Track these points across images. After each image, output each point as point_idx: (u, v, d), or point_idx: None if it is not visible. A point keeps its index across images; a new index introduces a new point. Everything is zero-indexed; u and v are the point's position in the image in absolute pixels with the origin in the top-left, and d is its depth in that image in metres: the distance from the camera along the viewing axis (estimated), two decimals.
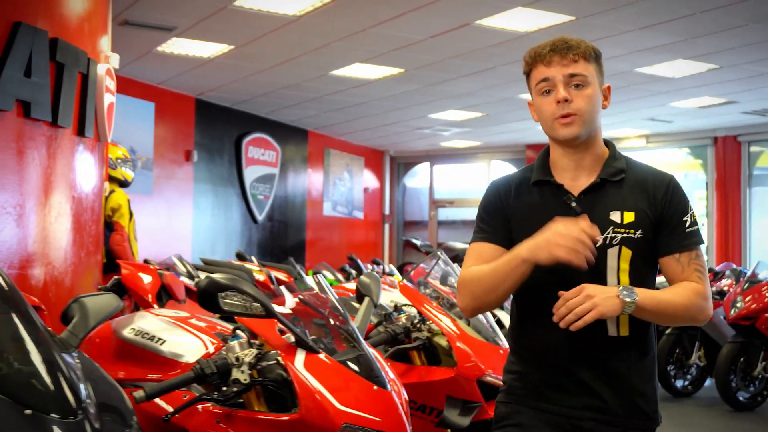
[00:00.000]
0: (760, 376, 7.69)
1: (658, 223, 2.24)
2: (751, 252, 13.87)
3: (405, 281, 4.05)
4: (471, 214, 17.36)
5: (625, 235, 2.21)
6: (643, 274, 2.24)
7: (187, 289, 4.88)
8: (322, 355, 2.46)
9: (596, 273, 2.17)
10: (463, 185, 17.81)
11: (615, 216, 2.23)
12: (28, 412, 1.72)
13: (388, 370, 2.57)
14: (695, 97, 11.36)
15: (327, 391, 2.33)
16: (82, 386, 1.86)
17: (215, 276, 2.36)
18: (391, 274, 11.66)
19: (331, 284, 10.15)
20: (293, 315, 2.53)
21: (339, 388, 2.37)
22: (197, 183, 12.09)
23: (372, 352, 2.55)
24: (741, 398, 7.70)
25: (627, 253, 2.21)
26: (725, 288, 8.66)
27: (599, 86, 2.27)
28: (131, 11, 7.76)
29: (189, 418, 2.41)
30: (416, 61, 9.54)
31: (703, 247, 2.28)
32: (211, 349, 2.55)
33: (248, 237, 13.19)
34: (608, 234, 2.21)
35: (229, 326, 2.83)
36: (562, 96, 2.20)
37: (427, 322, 3.53)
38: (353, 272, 10.86)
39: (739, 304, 7.69)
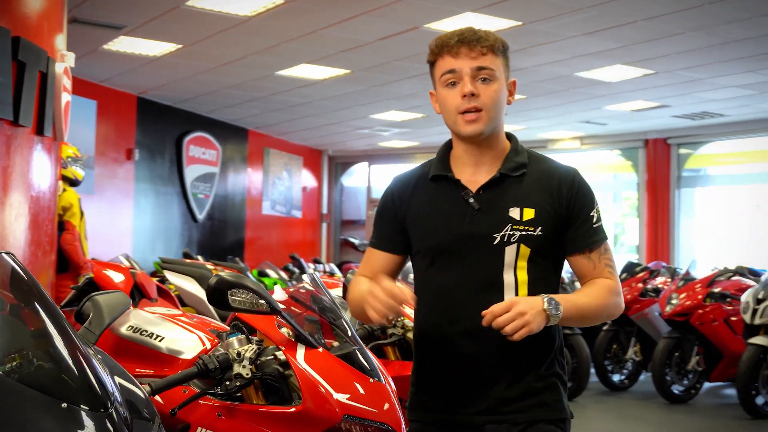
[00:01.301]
0: (693, 370, 8.02)
1: (563, 220, 2.18)
2: (679, 251, 14.36)
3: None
4: None
5: (523, 233, 2.15)
6: (542, 271, 2.18)
7: (158, 288, 4.92)
8: (320, 350, 2.57)
9: (494, 270, 2.15)
10: None
11: (514, 212, 2.16)
12: (64, 405, 1.79)
13: (378, 364, 2.69)
14: (630, 101, 11.73)
15: (327, 384, 2.45)
16: (109, 380, 1.93)
17: (224, 274, 2.46)
18: (332, 273, 11.79)
19: (275, 283, 10.21)
20: (286, 311, 2.63)
21: (338, 381, 2.48)
22: (138, 182, 12.01)
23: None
24: (676, 391, 8.02)
25: (525, 250, 2.15)
26: (660, 285, 9.01)
27: (505, 81, 2.20)
28: (81, 9, 7.71)
29: (191, 413, 2.48)
30: (363, 62, 9.67)
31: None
32: (208, 345, 2.64)
33: (188, 236, 13.14)
34: (506, 231, 2.15)
35: (215, 322, 2.93)
36: (469, 90, 2.13)
37: (401, 318, 3.66)
38: (297, 271, 10.93)
39: (674, 301, 8.02)
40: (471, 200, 2.18)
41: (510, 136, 2.28)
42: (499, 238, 2.14)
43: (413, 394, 2.27)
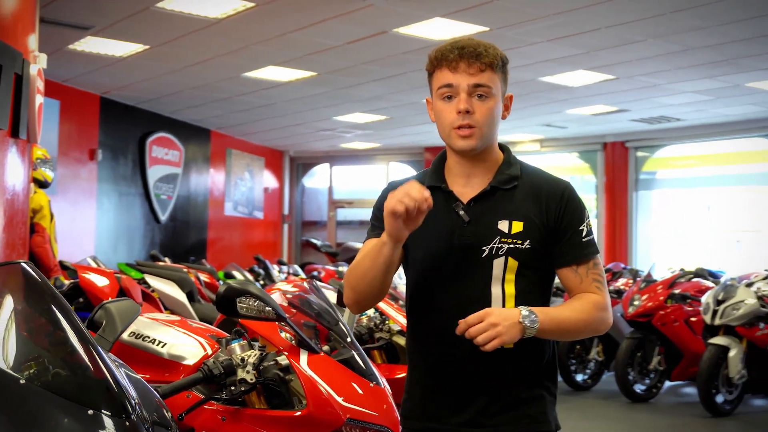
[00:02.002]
0: (655, 369, 8.21)
1: (552, 233, 2.19)
2: (636, 252, 14.65)
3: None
4: (369, 214, 17.71)
5: (511, 246, 2.16)
6: (530, 284, 2.19)
7: (143, 292, 4.92)
8: (322, 355, 2.63)
9: (482, 283, 2.16)
10: (361, 186, 18.07)
11: (503, 225, 2.18)
12: (90, 412, 1.83)
13: (374, 368, 2.77)
14: (590, 105, 11.95)
15: (330, 388, 2.51)
16: (130, 387, 1.98)
17: (232, 283, 2.51)
18: (296, 275, 11.81)
19: None
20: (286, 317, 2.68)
21: (340, 385, 2.55)
22: (101, 182, 11.92)
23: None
24: (638, 390, 8.20)
25: (513, 263, 2.16)
26: (622, 287, 9.19)
27: (502, 96, 2.22)
28: (48, 9, 7.65)
29: (194, 417, 2.53)
30: (330, 65, 9.72)
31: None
32: (209, 351, 2.68)
33: (151, 237, 13.06)
34: (495, 244, 2.16)
35: (212, 328, 2.97)
36: (464, 107, 2.14)
37: (387, 322, 3.74)
38: (262, 272, 10.94)
39: (636, 302, 8.21)
40: (461, 212, 2.20)
41: (503, 148, 2.30)
42: (487, 251, 2.16)
43: (405, 401, 2.29)
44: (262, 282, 10.56)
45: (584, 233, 2.22)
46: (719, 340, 7.42)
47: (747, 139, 13.84)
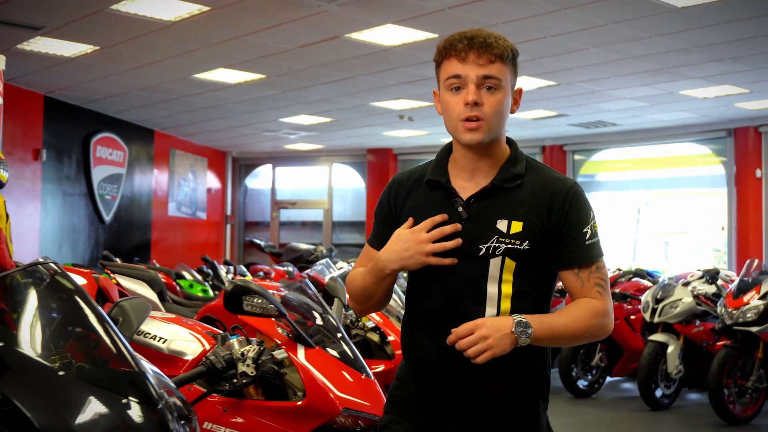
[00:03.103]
0: (597, 366, 8.53)
1: (554, 234, 2.13)
2: None
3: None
4: (313, 215, 17.90)
5: (509, 246, 2.11)
6: (528, 285, 2.15)
7: (120, 292, 4.99)
8: (317, 349, 2.80)
9: (478, 281, 2.12)
10: (305, 187, 18.20)
11: (502, 225, 2.12)
12: (124, 400, 1.98)
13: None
14: (531, 110, 12.29)
15: (327, 380, 2.68)
16: (155, 379, 2.13)
17: (239, 282, 2.66)
18: (242, 275, 11.88)
19: (192, 285, 10.18)
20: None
21: (335, 377, 2.72)
22: (45, 183, 11.82)
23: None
24: (581, 386, 8.50)
25: (510, 264, 2.11)
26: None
27: (511, 89, 2.17)
28: (0, 9, 7.63)
29: (197, 410, 2.65)
30: (280, 68, 9.84)
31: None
32: (207, 347, 2.82)
33: (95, 238, 12.99)
34: (492, 243, 2.11)
35: (204, 325, 3.11)
36: (472, 99, 2.09)
37: (361, 320, 3.91)
38: (211, 273, 10.98)
39: None
40: (460, 209, 2.15)
41: (510, 143, 2.25)
42: (484, 250, 2.11)
43: (396, 388, 2.27)
44: (211, 282, 10.62)
45: (588, 235, 2.15)
46: (658, 337, 7.74)
47: (679, 144, 14.39)
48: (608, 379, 8.83)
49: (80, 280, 4.71)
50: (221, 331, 2.93)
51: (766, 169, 12.91)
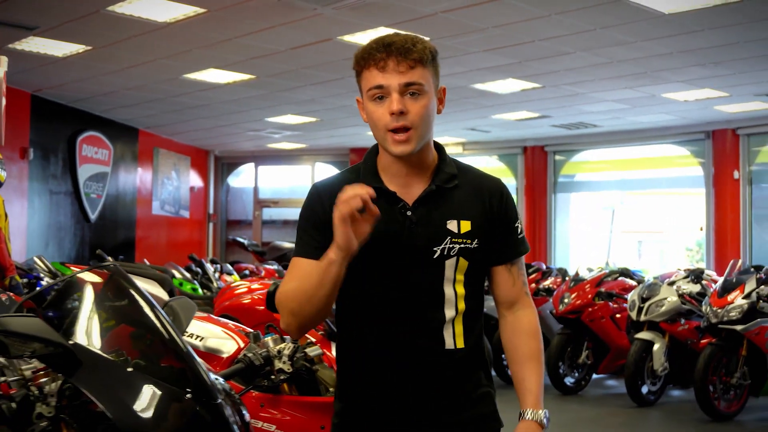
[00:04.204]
0: (583, 363, 8.72)
1: (493, 231, 2.15)
2: (555, 251, 15.30)
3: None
4: (295, 214, 17.82)
5: (462, 246, 2.10)
6: (477, 283, 2.17)
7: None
8: None
9: (433, 284, 2.10)
10: (287, 186, 18.28)
11: (452, 225, 2.11)
12: (188, 395, 2.09)
13: None
14: (515, 111, 12.47)
15: None
16: (212, 374, 2.24)
17: (279, 282, 2.77)
18: (229, 274, 11.97)
19: (180, 283, 10.26)
20: None
21: None
22: (32, 181, 11.83)
23: None
24: (568, 383, 8.68)
25: (464, 263, 2.10)
26: (551, 285, 9.69)
27: (435, 91, 2.12)
28: None
29: None
30: (270, 68, 9.93)
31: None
32: (242, 344, 2.94)
33: (81, 236, 13.01)
34: (446, 244, 2.09)
35: (234, 323, 3.23)
36: (397, 108, 2.04)
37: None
38: (199, 271, 11.06)
39: (566, 300, 8.68)
40: (409, 213, 2.11)
41: (438, 146, 2.22)
42: (438, 252, 2.09)
43: (338, 415, 2.21)
44: (200, 281, 10.70)
45: (519, 230, 2.21)
46: (644, 335, 7.93)
47: (658, 146, 14.65)
48: (594, 376, 9.02)
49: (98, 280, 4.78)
50: (251, 330, 3.04)
51: (743, 171, 13.18)
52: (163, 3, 7.43)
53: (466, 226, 2.12)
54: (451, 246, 2.10)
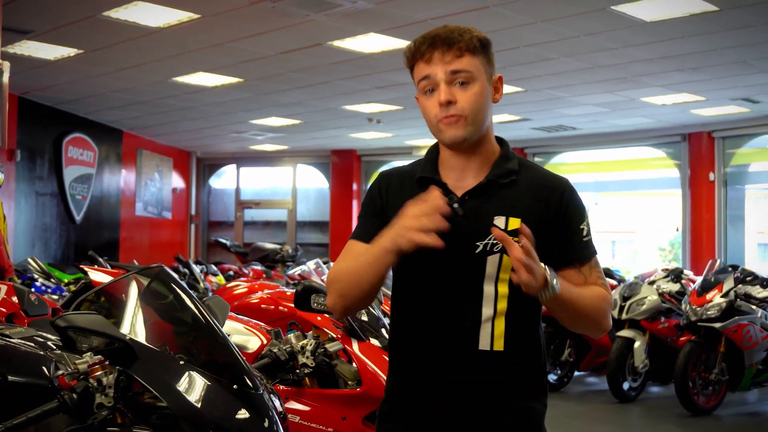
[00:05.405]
0: (566, 361, 8.94)
1: (551, 231, 2.07)
2: None
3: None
4: (276, 215, 18.11)
5: None
6: None
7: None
8: (368, 342, 3.11)
9: (474, 280, 2.05)
10: (268, 187, 18.41)
11: (499, 221, 2.04)
12: (235, 386, 2.27)
13: None
14: (496, 114, 12.66)
15: (379, 370, 2.99)
16: (250, 368, 2.42)
17: (307, 283, 2.95)
18: (215, 274, 12.11)
19: None
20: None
21: (385, 367, 3.00)
22: (19, 182, 11.90)
23: None
24: (550, 380, 8.90)
25: (508, 261, 1.97)
26: None
27: (488, 79, 2.09)
28: None
29: None
30: (258, 72, 10.07)
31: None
32: (264, 341, 3.11)
33: (66, 237, 13.08)
34: (490, 240, 2.02)
35: (253, 321, 3.40)
36: (444, 99, 2.02)
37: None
38: (187, 272, 11.16)
39: None
40: (455, 205, 2.06)
41: (501, 141, 2.19)
42: (481, 247, 2.04)
43: (385, 403, 2.21)
44: (187, 282, 10.81)
45: (585, 232, 2.12)
46: (626, 333, 8.18)
47: (635, 148, 14.96)
48: (576, 373, 9.25)
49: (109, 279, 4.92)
50: (269, 327, 3.21)
51: (718, 173, 13.51)
52: (159, 9, 7.56)
53: (515, 223, 2.03)
54: (495, 242, 2.02)
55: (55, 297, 7.28)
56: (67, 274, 10.42)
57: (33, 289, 6.47)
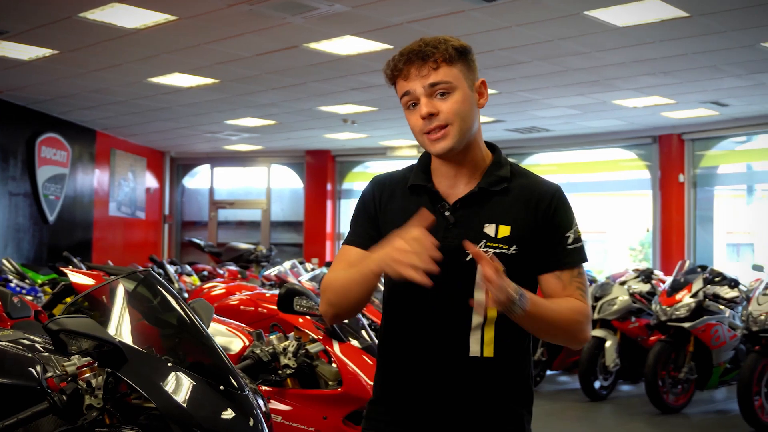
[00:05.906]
0: (539, 360, 9.05)
1: (539, 238, 2.08)
2: None
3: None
4: (250, 215, 18.12)
5: (497, 251, 2.04)
6: None
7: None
8: (348, 344, 3.18)
9: (465, 288, 2.03)
10: (242, 187, 18.41)
11: (489, 229, 2.07)
12: (222, 387, 2.33)
13: None
14: None
15: (360, 370, 3.06)
16: (236, 370, 2.48)
17: (290, 285, 3.02)
18: (190, 275, 12.11)
19: None
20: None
21: (365, 367, 3.10)
22: None
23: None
24: None
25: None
26: None
27: (470, 86, 2.11)
28: None
29: None
30: (234, 73, 10.10)
31: (585, 265, 2.13)
32: (247, 342, 3.17)
33: (39, 237, 13.02)
34: (480, 248, 2.03)
35: (235, 323, 3.46)
36: (426, 112, 2.04)
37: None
38: (162, 272, 11.16)
39: None
40: (447, 213, 2.10)
41: (493, 147, 2.22)
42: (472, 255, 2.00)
43: (373, 404, 2.24)
44: None
45: (570, 239, 2.11)
46: (597, 332, 8.32)
47: (607, 149, 15.15)
48: (548, 372, 9.38)
49: (92, 282, 4.94)
50: (252, 330, 3.28)
51: (688, 174, 13.72)
52: (136, 10, 7.58)
53: (504, 230, 2.07)
54: (485, 250, 2.04)
55: (29, 298, 7.28)
56: (40, 275, 10.38)
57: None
